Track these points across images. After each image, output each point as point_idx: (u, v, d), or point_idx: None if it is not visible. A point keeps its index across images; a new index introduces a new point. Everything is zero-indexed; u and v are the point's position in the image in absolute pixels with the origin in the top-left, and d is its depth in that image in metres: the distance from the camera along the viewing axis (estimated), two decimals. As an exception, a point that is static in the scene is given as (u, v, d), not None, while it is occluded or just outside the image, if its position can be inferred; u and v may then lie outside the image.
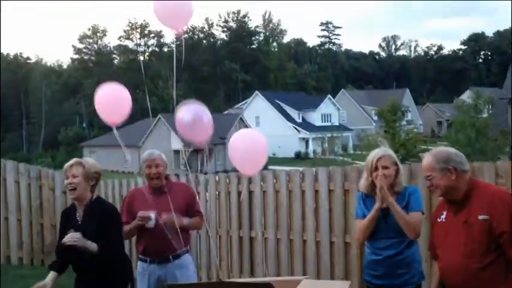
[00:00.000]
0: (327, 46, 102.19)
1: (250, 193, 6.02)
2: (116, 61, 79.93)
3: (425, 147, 34.70)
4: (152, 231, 3.45)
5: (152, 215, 3.43)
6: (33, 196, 7.60)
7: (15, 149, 59.66)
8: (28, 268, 7.13)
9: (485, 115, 31.38)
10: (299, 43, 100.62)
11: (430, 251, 2.97)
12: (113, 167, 44.22)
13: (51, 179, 7.59)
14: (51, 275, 3.12)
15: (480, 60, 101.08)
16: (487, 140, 24.65)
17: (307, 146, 50.31)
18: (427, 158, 2.75)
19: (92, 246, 2.96)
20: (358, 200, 3.25)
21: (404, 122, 35.37)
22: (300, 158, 47.72)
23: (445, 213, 2.76)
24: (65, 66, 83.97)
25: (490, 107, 32.11)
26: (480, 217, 2.53)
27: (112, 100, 3.41)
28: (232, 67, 75.62)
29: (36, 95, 67.07)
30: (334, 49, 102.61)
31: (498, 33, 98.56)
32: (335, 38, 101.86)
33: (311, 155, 48.58)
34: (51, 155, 53.52)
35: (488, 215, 2.51)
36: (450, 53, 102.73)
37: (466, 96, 42.70)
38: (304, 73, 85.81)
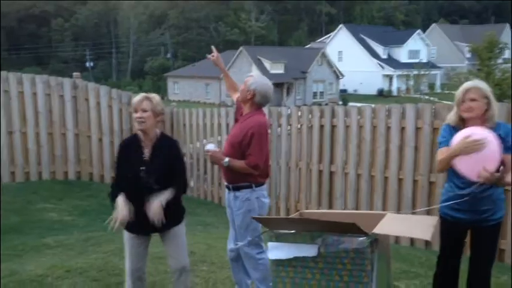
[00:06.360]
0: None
1: (333, 128, 5.96)
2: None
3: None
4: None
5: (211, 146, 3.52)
6: (124, 120, 8.04)
7: (106, 77, 62.84)
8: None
9: None
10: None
11: None
12: (195, 98, 45.52)
13: (141, 105, 7.94)
14: (122, 198, 3.01)
15: None
16: None
17: (390, 84, 48.36)
18: None
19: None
20: (444, 130, 3.09)
21: (500, 61, 32.63)
22: (382, 95, 46.16)
23: None
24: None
25: None
26: None
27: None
28: (317, -1, 72.83)
29: (124, 25, 69.25)
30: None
31: None
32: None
33: (395, 92, 46.75)
34: (138, 83, 55.90)
35: None
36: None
37: None
38: (393, 6, 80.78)
